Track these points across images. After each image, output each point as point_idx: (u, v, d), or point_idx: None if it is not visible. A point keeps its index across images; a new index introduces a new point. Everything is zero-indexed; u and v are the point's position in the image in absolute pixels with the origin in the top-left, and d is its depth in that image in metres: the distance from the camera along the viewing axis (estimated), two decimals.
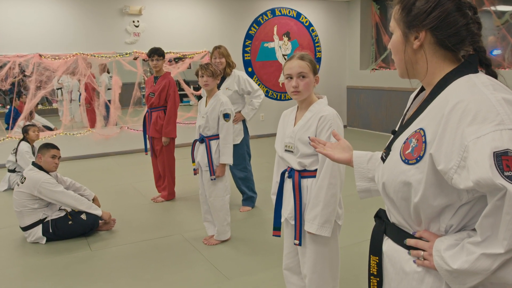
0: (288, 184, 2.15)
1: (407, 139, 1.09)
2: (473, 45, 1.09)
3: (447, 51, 1.09)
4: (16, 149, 5.30)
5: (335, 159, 1.46)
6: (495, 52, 6.82)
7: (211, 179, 3.37)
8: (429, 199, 1.03)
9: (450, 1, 1.07)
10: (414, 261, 1.11)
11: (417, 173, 1.03)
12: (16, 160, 5.28)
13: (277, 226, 2.26)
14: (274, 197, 2.25)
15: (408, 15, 1.10)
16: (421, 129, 1.05)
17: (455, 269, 0.98)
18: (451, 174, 0.96)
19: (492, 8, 6.78)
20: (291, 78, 2.05)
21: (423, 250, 1.09)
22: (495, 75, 1.09)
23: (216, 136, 3.41)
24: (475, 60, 1.08)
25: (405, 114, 1.24)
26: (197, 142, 3.49)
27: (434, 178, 1.01)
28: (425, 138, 1.02)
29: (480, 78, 1.03)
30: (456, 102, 0.98)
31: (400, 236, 1.16)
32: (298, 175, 2.09)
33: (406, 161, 1.06)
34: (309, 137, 1.71)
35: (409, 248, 1.13)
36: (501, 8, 6.80)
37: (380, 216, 1.27)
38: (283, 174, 2.19)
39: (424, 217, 1.07)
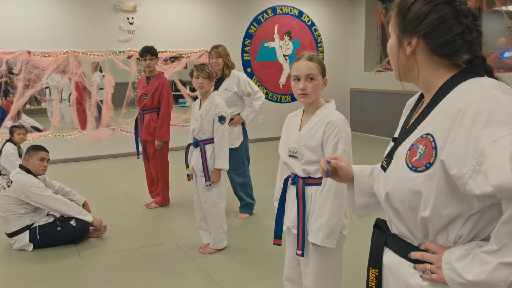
0: (292, 191, 2.15)
1: (412, 145, 1.09)
2: (471, 53, 1.09)
3: (441, 58, 1.09)
4: (0, 150, 5.27)
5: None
6: (507, 54, 6.82)
7: (206, 185, 3.37)
8: (439, 208, 1.03)
9: (446, 7, 1.07)
10: (421, 276, 1.10)
11: (427, 180, 1.03)
12: (1, 162, 5.25)
13: (278, 235, 2.25)
14: (276, 204, 2.25)
15: (403, 19, 1.12)
16: (428, 134, 1.04)
17: (470, 280, 0.97)
18: (466, 179, 0.95)
19: (504, 8, 6.81)
20: (299, 79, 2.04)
21: (430, 263, 1.08)
22: None
23: (211, 140, 3.41)
24: (480, 64, 1.08)
25: (405, 121, 1.24)
26: (191, 146, 3.49)
27: (446, 185, 1.01)
28: (435, 143, 1.02)
29: (488, 81, 1.04)
30: (467, 105, 0.98)
31: (403, 248, 1.16)
32: (302, 182, 2.08)
33: (414, 169, 1.06)
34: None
35: (414, 261, 1.12)
36: None
37: (380, 226, 1.26)
38: (286, 180, 2.18)
39: (432, 228, 1.06)
